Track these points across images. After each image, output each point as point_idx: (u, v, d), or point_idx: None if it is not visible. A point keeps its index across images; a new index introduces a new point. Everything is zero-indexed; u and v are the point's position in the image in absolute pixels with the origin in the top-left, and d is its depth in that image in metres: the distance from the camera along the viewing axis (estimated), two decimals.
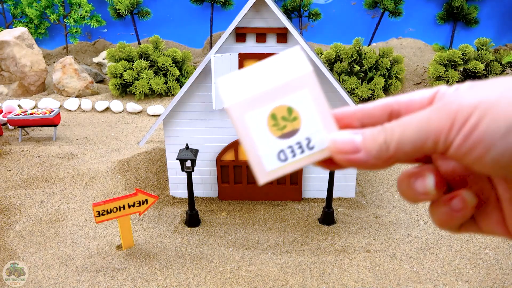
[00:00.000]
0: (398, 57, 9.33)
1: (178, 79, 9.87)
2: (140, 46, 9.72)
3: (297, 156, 0.52)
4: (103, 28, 12.29)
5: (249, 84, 0.53)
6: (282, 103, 0.52)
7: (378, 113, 0.50)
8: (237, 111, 0.52)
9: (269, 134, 0.52)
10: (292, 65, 0.53)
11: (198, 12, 11.92)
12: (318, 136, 0.51)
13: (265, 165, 0.52)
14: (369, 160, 0.45)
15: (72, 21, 11.33)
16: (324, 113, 0.52)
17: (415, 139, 0.41)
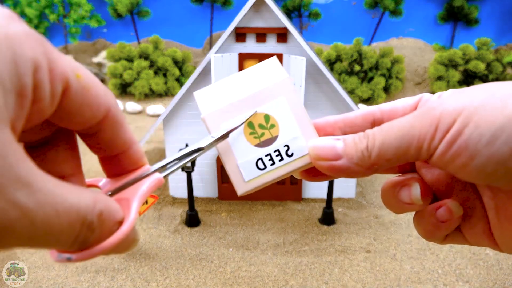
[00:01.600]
0: (399, 57, 9.32)
1: (178, 79, 9.86)
2: (140, 46, 9.71)
3: (276, 164, 0.50)
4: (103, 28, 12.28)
5: (225, 94, 0.52)
6: (259, 110, 0.51)
7: (360, 121, 0.49)
8: (212, 121, 0.51)
9: (246, 143, 0.51)
10: (268, 74, 0.53)
11: (198, 12, 11.91)
12: (297, 143, 0.50)
13: (244, 175, 0.50)
14: (350, 167, 0.43)
15: (72, 21, 11.33)
16: (302, 120, 0.51)
17: (397, 145, 0.39)
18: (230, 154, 0.51)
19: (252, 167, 0.50)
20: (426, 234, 0.45)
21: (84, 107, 0.28)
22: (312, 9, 11.50)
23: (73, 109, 0.27)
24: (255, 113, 0.50)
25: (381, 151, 0.40)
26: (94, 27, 11.85)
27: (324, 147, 0.46)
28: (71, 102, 0.27)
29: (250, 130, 0.51)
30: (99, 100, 0.29)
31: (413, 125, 0.38)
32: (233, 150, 0.51)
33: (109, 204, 0.27)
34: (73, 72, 0.26)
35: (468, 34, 11.38)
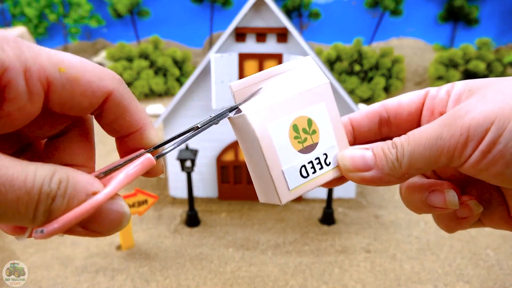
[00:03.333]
0: (399, 57, 9.32)
1: (178, 79, 9.86)
2: (140, 46, 9.71)
3: (317, 172, 0.48)
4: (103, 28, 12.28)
5: (266, 92, 0.48)
6: (303, 113, 0.48)
7: (367, 122, 0.48)
8: (257, 120, 0.45)
9: (291, 147, 0.47)
10: (308, 75, 0.50)
11: (198, 12, 11.91)
12: (334, 152, 0.48)
13: (289, 183, 0.46)
14: (382, 177, 0.43)
15: (72, 21, 11.33)
16: (338, 128, 0.49)
17: (428, 156, 0.39)
18: (275, 157, 0.46)
19: (296, 175, 0.47)
20: (447, 229, 0.45)
21: (77, 96, 0.28)
22: (312, 9, 11.50)
23: (65, 100, 0.28)
24: (300, 115, 0.47)
25: (412, 161, 0.40)
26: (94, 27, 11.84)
27: (354, 158, 0.45)
28: (60, 95, 0.28)
29: (295, 134, 0.47)
30: (93, 87, 0.29)
31: (441, 135, 0.38)
32: (277, 152, 0.46)
33: (74, 174, 0.28)
34: (55, 67, 0.27)
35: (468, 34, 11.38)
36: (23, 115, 0.27)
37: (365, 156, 0.44)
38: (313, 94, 0.48)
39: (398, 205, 4.86)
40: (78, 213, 0.27)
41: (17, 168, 0.25)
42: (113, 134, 0.34)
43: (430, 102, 0.45)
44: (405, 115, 0.46)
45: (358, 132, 0.49)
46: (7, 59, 0.25)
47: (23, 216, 0.25)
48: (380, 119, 0.48)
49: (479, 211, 0.42)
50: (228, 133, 4.65)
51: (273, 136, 0.46)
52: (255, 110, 0.45)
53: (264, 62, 4.30)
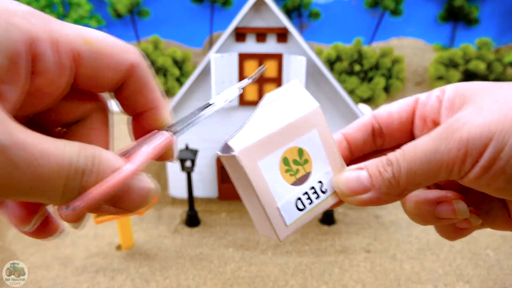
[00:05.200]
0: (399, 57, 9.32)
1: (178, 79, 9.86)
2: (140, 46, 9.72)
3: (314, 202, 0.46)
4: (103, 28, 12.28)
5: (255, 128, 0.45)
6: (293, 144, 0.46)
7: (361, 135, 0.47)
8: (248, 160, 0.43)
9: (283, 182, 0.45)
10: (297, 102, 0.47)
11: (198, 12, 11.91)
12: (328, 178, 0.46)
13: (286, 219, 0.44)
14: (380, 197, 0.41)
15: (72, 21, 11.33)
16: (332, 152, 0.47)
17: (425, 170, 0.38)
18: (268, 194, 0.44)
19: (292, 209, 0.45)
20: (448, 238, 0.44)
21: (103, 69, 0.29)
22: (312, 9, 11.50)
23: (92, 74, 0.28)
24: (289, 147, 0.45)
25: (409, 178, 0.39)
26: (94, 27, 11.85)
27: (348, 182, 0.43)
28: (87, 69, 0.28)
29: (286, 167, 0.45)
30: (117, 59, 0.29)
31: (438, 149, 0.36)
32: (271, 189, 0.44)
33: (100, 151, 0.28)
34: (81, 40, 0.27)
35: (468, 34, 11.38)
36: (52, 90, 0.27)
37: (360, 178, 0.42)
38: (303, 122, 0.46)
39: (398, 205, 4.85)
40: (107, 188, 0.27)
41: (49, 142, 0.24)
42: (130, 112, 0.34)
43: (421, 110, 0.43)
44: (396, 124, 0.45)
45: (354, 146, 0.47)
46: (34, 30, 0.24)
47: (53, 191, 0.25)
48: (373, 131, 0.46)
49: (477, 223, 0.41)
50: (228, 133, 4.65)
51: (265, 173, 0.44)
52: (245, 149, 0.43)
53: (264, 62, 4.30)
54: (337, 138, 0.48)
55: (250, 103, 4.48)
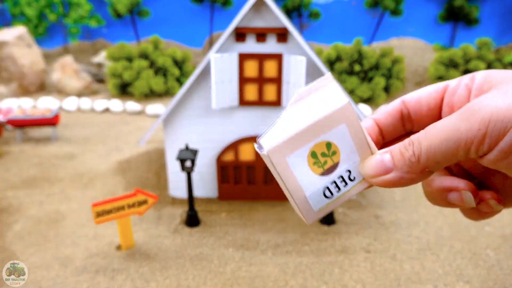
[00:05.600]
0: (399, 57, 9.31)
1: (178, 79, 9.86)
2: (140, 46, 9.71)
3: (342, 190, 0.50)
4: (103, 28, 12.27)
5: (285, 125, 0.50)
6: (321, 139, 0.50)
7: (391, 121, 0.50)
8: (277, 156, 0.48)
9: (312, 174, 0.50)
10: (328, 97, 0.51)
11: (198, 12, 11.90)
12: (356, 166, 0.50)
13: (313, 206, 0.50)
14: (403, 177, 0.44)
15: (72, 21, 11.32)
16: (361, 142, 0.50)
17: (445, 148, 0.39)
18: (297, 186, 0.50)
19: (320, 197, 0.50)
20: (472, 219, 0.48)
21: None
22: (312, 9, 11.49)
23: None
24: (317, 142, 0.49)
25: (430, 155, 0.41)
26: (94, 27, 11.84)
27: (372, 164, 0.47)
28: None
29: (314, 160, 0.50)
30: None
31: (458, 128, 0.38)
32: (299, 181, 0.50)
33: None
34: None
35: (468, 34, 11.38)
36: None
37: (384, 160, 0.45)
38: (331, 118, 0.49)
39: (398, 205, 4.86)
40: None
41: None
42: None
43: (449, 99, 0.45)
44: (425, 110, 0.47)
45: (385, 131, 0.51)
46: None
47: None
48: (402, 116, 0.49)
49: (498, 209, 0.44)
50: (228, 133, 4.65)
51: (293, 167, 0.49)
52: (274, 147, 0.48)
53: (264, 62, 4.29)
54: (368, 123, 0.52)
55: (250, 103, 4.47)
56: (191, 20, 12.01)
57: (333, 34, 11.65)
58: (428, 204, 4.89)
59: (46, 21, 11.76)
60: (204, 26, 11.94)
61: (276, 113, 4.55)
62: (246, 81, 4.36)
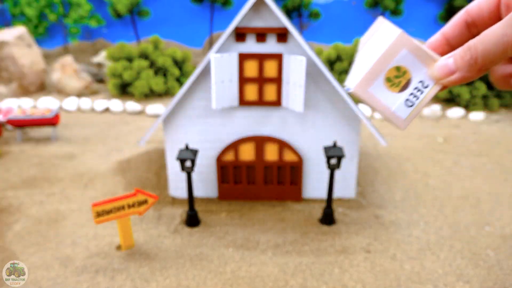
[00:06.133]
0: None
1: (178, 79, 9.85)
2: (140, 46, 9.70)
3: (420, 97, 0.69)
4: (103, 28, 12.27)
5: (360, 66, 0.69)
6: (390, 66, 0.68)
7: (458, 30, 0.64)
8: (360, 90, 0.70)
9: (391, 93, 0.69)
10: (386, 34, 0.68)
11: (198, 12, 11.90)
12: (426, 75, 0.68)
13: (401, 116, 0.70)
14: (465, 76, 0.58)
15: (72, 21, 11.32)
16: (423, 56, 0.67)
17: (496, 50, 0.51)
18: (383, 106, 0.70)
19: (404, 108, 0.70)
20: None
21: None
22: (312, 9, 11.49)
23: None
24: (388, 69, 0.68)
25: (484, 57, 0.53)
26: (94, 27, 11.84)
27: (439, 69, 0.63)
28: None
29: (390, 83, 0.69)
30: None
31: (506, 33, 0.49)
32: (383, 102, 0.69)
33: None
34: None
35: None
36: None
37: (448, 64, 0.61)
38: (392, 48, 0.67)
39: (398, 205, 4.86)
40: None
41: None
42: None
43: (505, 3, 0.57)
44: (486, 14, 0.59)
45: (454, 41, 0.65)
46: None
47: None
48: (467, 24, 0.62)
49: None
50: (228, 133, 4.65)
51: (376, 94, 0.69)
52: (357, 85, 0.69)
53: (264, 62, 4.29)
54: (435, 37, 0.67)
55: (250, 103, 4.48)
56: (191, 20, 12.01)
57: (333, 34, 11.65)
58: (428, 204, 4.89)
59: (46, 21, 11.76)
60: (204, 26, 11.94)
61: (276, 113, 4.55)
62: (246, 81, 4.36)
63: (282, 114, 4.55)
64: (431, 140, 7.28)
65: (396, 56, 0.67)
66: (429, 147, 6.89)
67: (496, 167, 6.04)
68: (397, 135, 7.56)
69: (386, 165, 6.04)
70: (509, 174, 5.79)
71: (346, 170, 4.80)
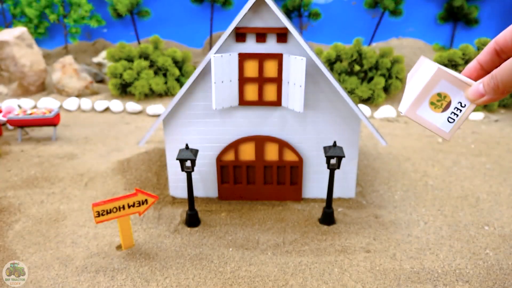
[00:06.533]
0: (399, 57, 9.31)
1: (178, 79, 9.86)
2: (140, 46, 9.71)
3: (459, 115, 0.97)
4: (103, 28, 12.28)
5: (409, 94, 1.01)
6: (433, 93, 0.96)
7: (489, 57, 0.84)
8: (411, 113, 1.01)
9: (436, 114, 0.99)
10: (427, 69, 0.97)
11: (198, 12, 11.91)
12: (463, 97, 0.94)
13: (445, 130, 1.01)
14: (491, 98, 0.80)
15: (72, 21, 11.33)
16: (459, 83, 0.92)
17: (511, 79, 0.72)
18: (430, 123, 1.01)
19: (447, 124, 1.00)
20: None
21: None
22: (312, 9, 11.49)
23: None
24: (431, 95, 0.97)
25: (503, 84, 0.74)
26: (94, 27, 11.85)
27: (473, 93, 0.89)
28: None
29: (433, 106, 0.99)
30: None
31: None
32: (430, 121, 1.01)
33: None
34: None
35: (468, 34, 11.38)
36: None
37: (478, 89, 0.84)
38: (432, 80, 0.95)
39: (398, 205, 4.87)
40: None
41: None
42: None
43: None
44: (511, 44, 0.79)
45: (487, 66, 0.86)
46: None
47: None
48: (496, 51, 0.82)
49: None
50: (228, 133, 4.66)
51: (423, 115, 1.00)
52: (407, 109, 1.01)
53: (264, 62, 4.30)
54: (473, 64, 0.89)
55: (250, 103, 4.48)
56: (191, 20, 12.02)
57: (333, 34, 11.65)
58: (428, 204, 4.90)
59: (47, 21, 11.76)
60: (204, 26, 11.95)
61: (276, 113, 4.56)
62: (246, 81, 4.37)
63: (282, 114, 4.56)
64: (431, 140, 7.28)
65: (436, 86, 0.93)
66: (429, 147, 6.90)
67: (496, 167, 6.05)
68: (397, 135, 7.57)
69: (386, 165, 6.05)
70: (508, 174, 5.80)
71: (346, 170, 4.81)
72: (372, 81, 9.00)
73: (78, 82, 9.84)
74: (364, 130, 7.65)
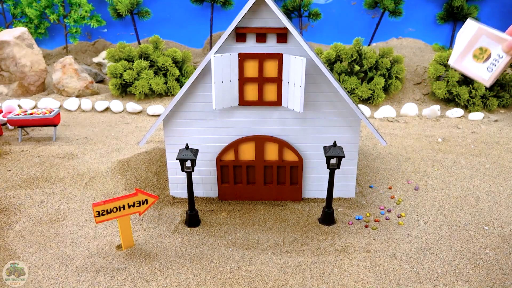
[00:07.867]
0: (398, 57, 9.32)
1: (178, 79, 9.86)
2: (140, 46, 9.71)
3: (497, 64, 1.44)
4: (103, 28, 12.28)
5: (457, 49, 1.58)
6: (476, 47, 1.49)
7: None
8: (458, 64, 1.58)
9: (478, 64, 1.49)
10: (470, 28, 1.51)
11: (198, 12, 11.91)
12: (501, 50, 1.42)
13: (485, 77, 1.50)
14: None
15: (72, 21, 11.33)
16: (497, 38, 1.43)
17: None
18: (473, 72, 1.54)
19: (486, 72, 1.49)
20: None
21: None
22: (312, 9, 11.49)
23: None
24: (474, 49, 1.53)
25: None
26: (94, 27, 11.85)
27: (508, 45, 1.38)
28: None
29: (476, 58, 1.52)
30: None
31: None
32: (474, 70, 1.52)
33: None
34: None
35: None
36: None
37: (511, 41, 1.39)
38: (474, 37, 1.51)
39: (398, 205, 4.87)
40: None
41: None
42: None
43: None
44: None
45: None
46: None
47: None
48: None
49: None
50: (228, 133, 4.66)
51: (467, 65, 1.58)
52: (455, 60, 1.64)
53: (264, 62, 4.31)
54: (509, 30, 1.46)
55: (250, 103, 4.49)
56: (191, 20, 12.02)
57: (333, 34, 11.66)
58: (428, 204, 4.90)
59: (47, 21, 11.76)
60: (204, 26, 11.95)
61: (276, 113, 4.56)
62: (246, 81, 4.37)
63: (282, 114, 4.56)
64: (431, 140, 7.29)
65: (477, 41, 1.36)
66: (429, 147, 6.90)
67: (495, 167, 6.05)
68: (397, 135, 7.58)
69: (385, 165, 6.06)
70: (508, 174, 5.81)
71: (346, 170, 4.81)
72: (372, 81, 9.00)
73: (78, 82, 9.84)
74: (364, 130, 7.65)
